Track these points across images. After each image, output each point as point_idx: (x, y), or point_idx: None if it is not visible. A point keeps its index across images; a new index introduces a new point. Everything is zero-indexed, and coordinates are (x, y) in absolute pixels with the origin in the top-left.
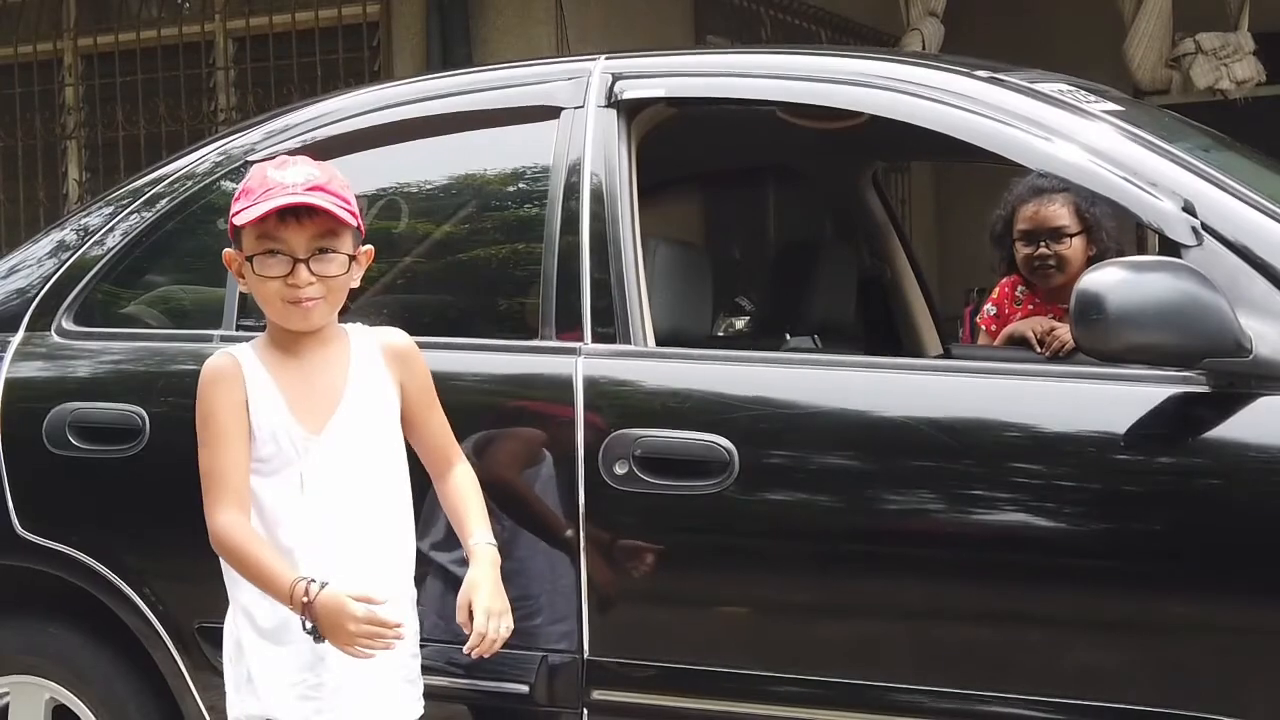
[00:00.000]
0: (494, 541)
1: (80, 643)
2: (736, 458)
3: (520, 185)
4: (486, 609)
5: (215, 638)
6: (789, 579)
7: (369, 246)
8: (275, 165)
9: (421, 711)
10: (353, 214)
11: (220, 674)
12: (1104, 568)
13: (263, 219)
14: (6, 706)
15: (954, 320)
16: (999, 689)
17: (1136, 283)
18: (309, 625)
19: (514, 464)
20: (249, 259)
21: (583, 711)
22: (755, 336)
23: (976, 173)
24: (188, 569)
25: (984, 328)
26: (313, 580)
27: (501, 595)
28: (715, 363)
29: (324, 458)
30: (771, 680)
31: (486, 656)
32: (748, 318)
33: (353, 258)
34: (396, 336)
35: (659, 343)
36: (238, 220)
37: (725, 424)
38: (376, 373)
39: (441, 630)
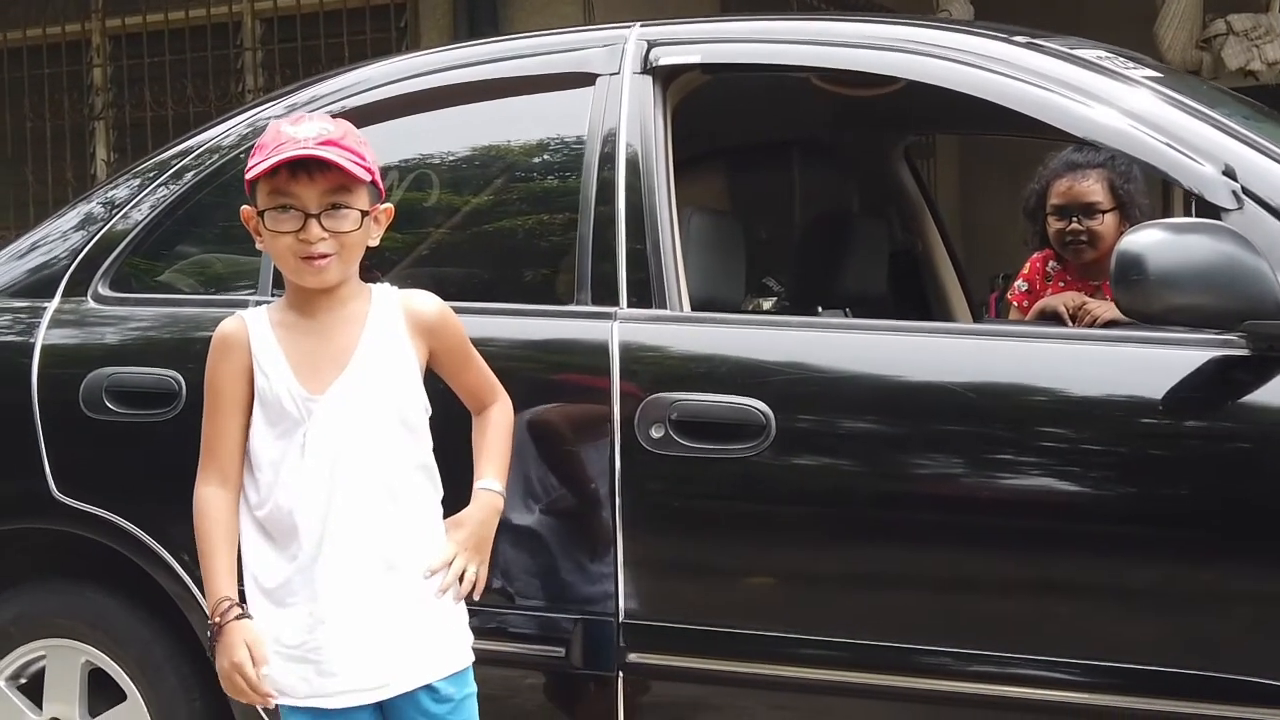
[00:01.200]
0: (500, 489)
1: (116, 606)
2: (773, 421)
3: (555, 152)
4: (458, 541)
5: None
6: (824, 542)
7: (388, 205)
8: (290, 121)
9: (454, 668)
10: (367, 169)
11: None
12: (1140, 533)
13: (273, 174)
14: (43, 669)
15: (980, 307)
16: (1028, 651)
17: (1177, 244)
18: (209, 634)
19: (549, 428)
20: (261, 215)
21: (618, 674)
22: (787, 311)
23: (1001, 160)
24: None
25: (1015, 304)
26: (237, 605)
27: (480, 542)
28: (751, 327)
29: (326, 419)
30: (805, 643)
31: (443, 595)
32: (775, 298)
33: (366, 213)
34: (421, 301)
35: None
36: (249, 175)
37: (761, 388)
38: (393, 336)
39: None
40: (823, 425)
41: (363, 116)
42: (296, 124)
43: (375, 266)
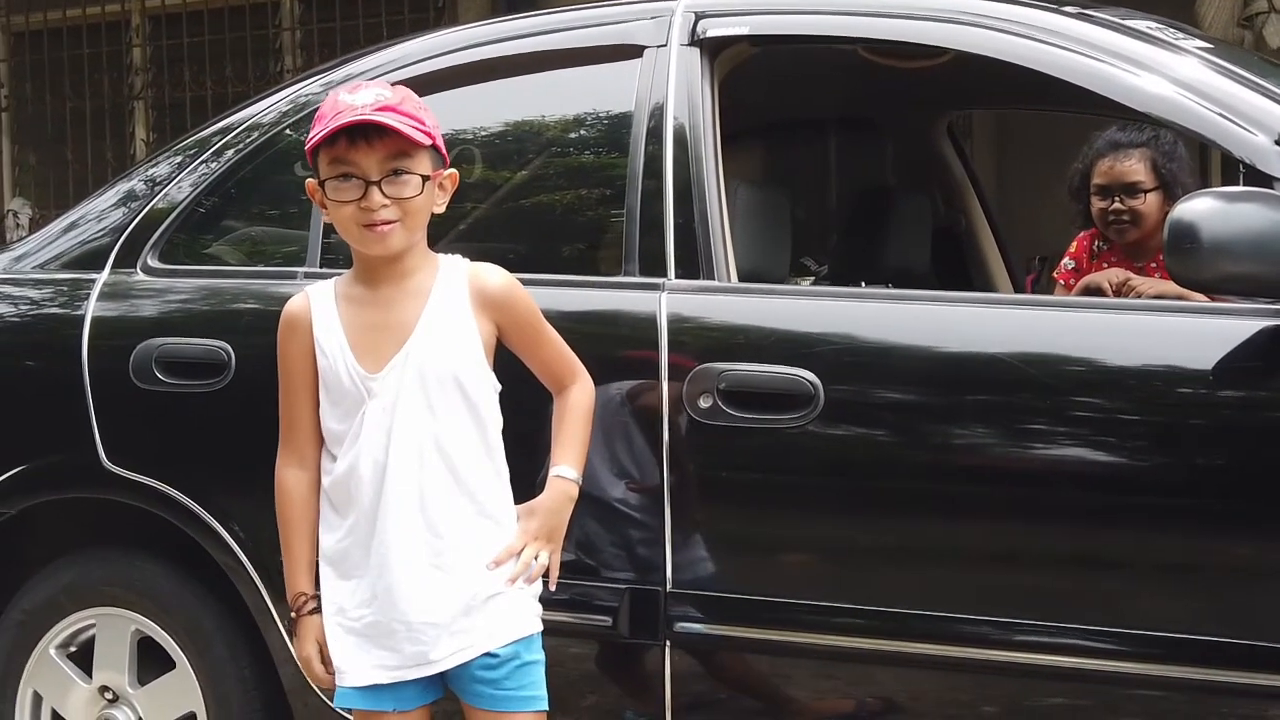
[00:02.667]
0: (575, 476)
1: (165, 575)
2: (821, 391)
3: (601, 125)
4: (528, 531)
5: None
6: (870, 511)
7: (452, 170)
8: (347, 89)
9: (515, 634)
10: (427, 134)
11: None
12: (1188, 504)
13: (333, 143)
14: (93, 638)
15: (1018, 290)
16: (1069, 620)
17: (1230, 212)
18: (288, 624)
19: (598, 398)
20: (323, 185)
21: (664, 643)
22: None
23: (1038, 142)
24: (273, 502)
25: (1061, 282)
26: (312, 599)
27: (552, 531)
28: (799, 298)
29: (384, 397)
30: (849, 612)
31: (513, 581)
32: (813, 278)
33: (426, 178)
34: (488, 275)
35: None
36: (309, 145)
37: (810, 358)
38: (457, 311)
39: None
40: (871, 395)
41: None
42: (354, 92)
43: None
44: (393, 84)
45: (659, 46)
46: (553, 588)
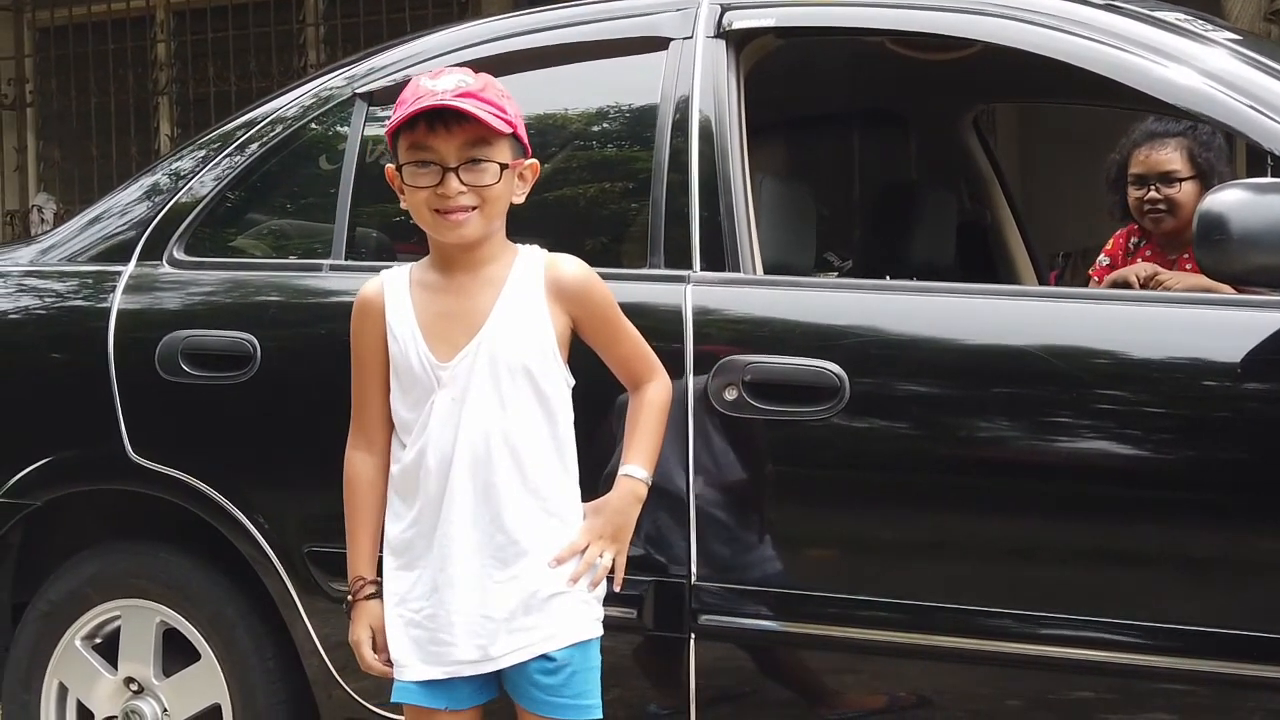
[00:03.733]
0: (645, 477)
1: (190, 566)
2: (847, 383)
3: (627, 117)
4: (593, 529)
5: (325, 562)
6: (896, 504)
7: (533, 161)
8: (430, 75)
9: (573, 639)
10: (508, 122)
11: (330, 598)
12: (1220, 498)
13: (412, 128)
14: (119, 629)
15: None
16: (1092, 614)
17: (1260, 204)
18: (345, 606)
19: (623, 389)
20: (401, 171)
21: (689, 636)
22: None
23: (1062, 136)
24: (297, 494)
25: (1096, 279)
26: (371, 584)
27: (618, 531)
28: (825, 290)
29: (454, 387)
30: (873, 605)
31: (574, 581)
32: (835, 274)
33: (505, 167)
34: (565, 265)
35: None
36: (388, 129)
37: (835, 350)
38: (531, 302)
39: None
40: (897, 388)
41: None
42: (435, 78)
43: None
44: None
45: (685, 39)
46: (617, 588)
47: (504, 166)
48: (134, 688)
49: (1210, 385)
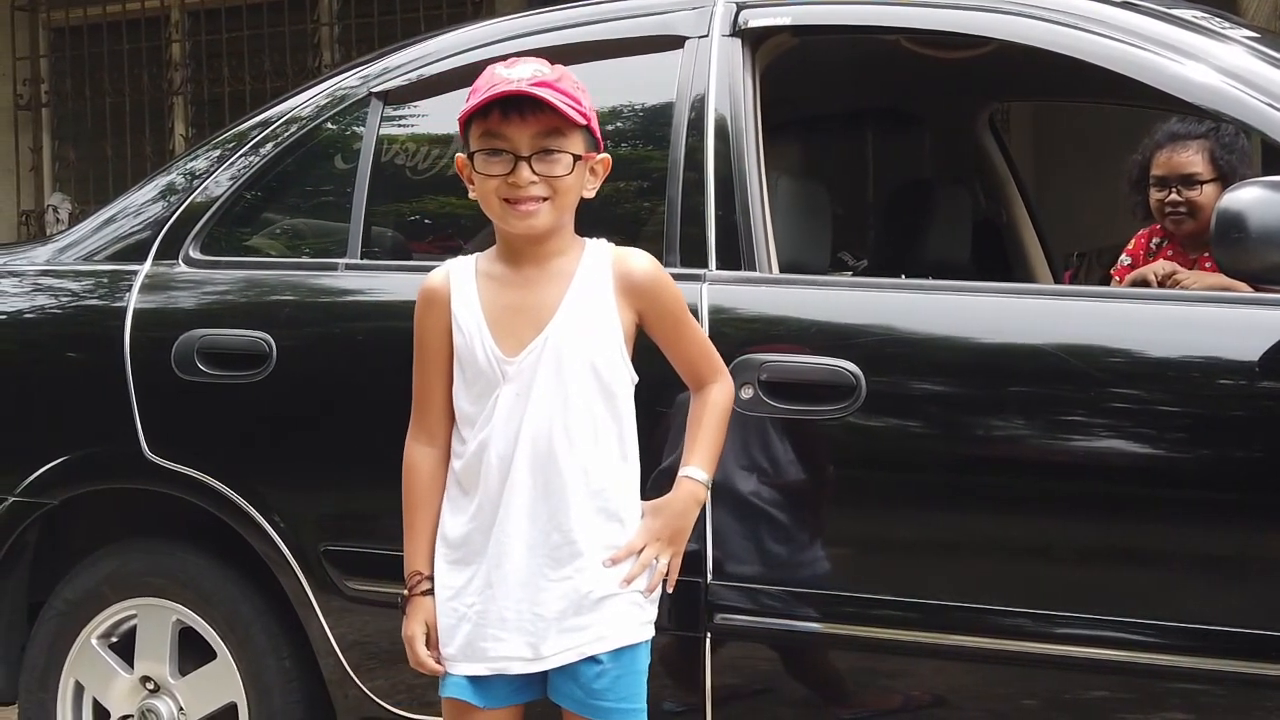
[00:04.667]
0: (706, 479)
1: (206, 565)
2: (863, 382)
3: (642, 116)
4: (651, 530)
5: (341, 561)
6: (912, 503)
7: (605, 155)
8: (505, 64)
9: (622, 642)
10: (583, 114)
11: (346, 597)
12: (1235, 497)
13: (485, 115)
14: (134, 628)
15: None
16: (1106, 613)
17: (1278, 201)
18: (400, 601)
19: (637, 388)
20: (471, 158)
21: (705, 635)
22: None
23: (1076, 137)
24: (313, 493)
25: (1116, 278)
26: (427, 580)
27: (675, 533)
28: (840, 289)
29: (518, 381)
30: (892, 605)
31: (628, 582)
32: (850, 273)
33: (578, 158)
34: (634, 260)
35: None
36: (461, 115)
37: (852, 349)
38: (599, 296)
39: None
40: (914, 386)
41: (441, 85)
42: (511, 66)
43: (456, 236)
44: (423, 79)
45: (700, 37)
46: (669, 589)
47: (577, 158)
48: (150, 686)
49: (1228, 384)
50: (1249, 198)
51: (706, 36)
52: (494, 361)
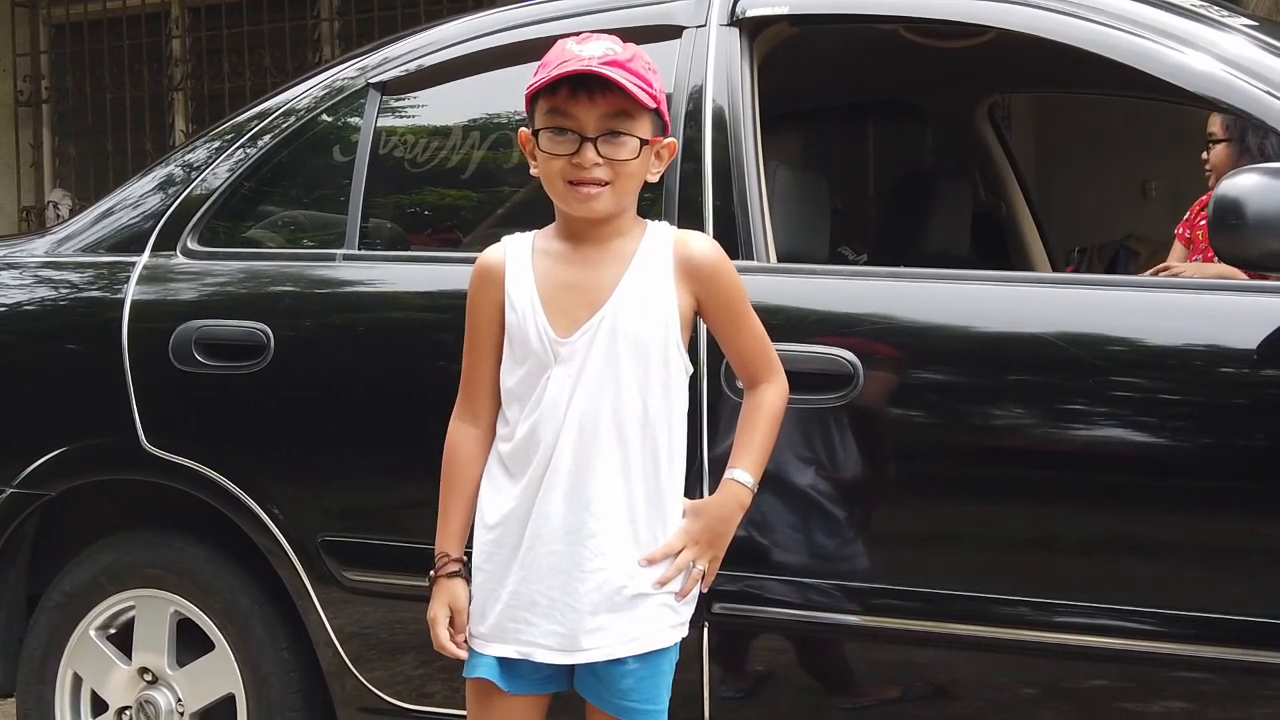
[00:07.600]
0: (752, 483)
1: (205, 557)
2: (861, 371)
3: None
4: (691, 532)
5: (339, 552)
6: (910, 491)
7: (672, 139)
8: (577, 40)
9: (653, 645)
10: (653, 96)
11: (344, 588)
12: (1235, 485)
13: (553, 93)
14: (133, 619)
15: None
16: (1109, 601)
17: (1277, 188)
18: (428, 580)
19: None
20: (537, 136)
21: (704, 625)
22: None
23: (1078, 130)
24: (311, 484)
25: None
26: (455, 562)
27: (716, 537)
28: (838, 278)
29: (570, 364)
30: (890, 593)
31: (662, 584)
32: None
33: (645, 142)
34: (697, 245)
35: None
36: (528, 90)
37: (849, 338)
38: (658, 281)
39: None
40: (911, 375)
41: (439, 75)
42: (583, 43)
43: (454, 227)
44: (421, 70)
45: (698, 27)
46: (704, 589)
47: (644, 142)
48: (148, 678)
49: (1227, 372)
50: (1247, 184)
51: (704, 26)
52: (546, 342)
